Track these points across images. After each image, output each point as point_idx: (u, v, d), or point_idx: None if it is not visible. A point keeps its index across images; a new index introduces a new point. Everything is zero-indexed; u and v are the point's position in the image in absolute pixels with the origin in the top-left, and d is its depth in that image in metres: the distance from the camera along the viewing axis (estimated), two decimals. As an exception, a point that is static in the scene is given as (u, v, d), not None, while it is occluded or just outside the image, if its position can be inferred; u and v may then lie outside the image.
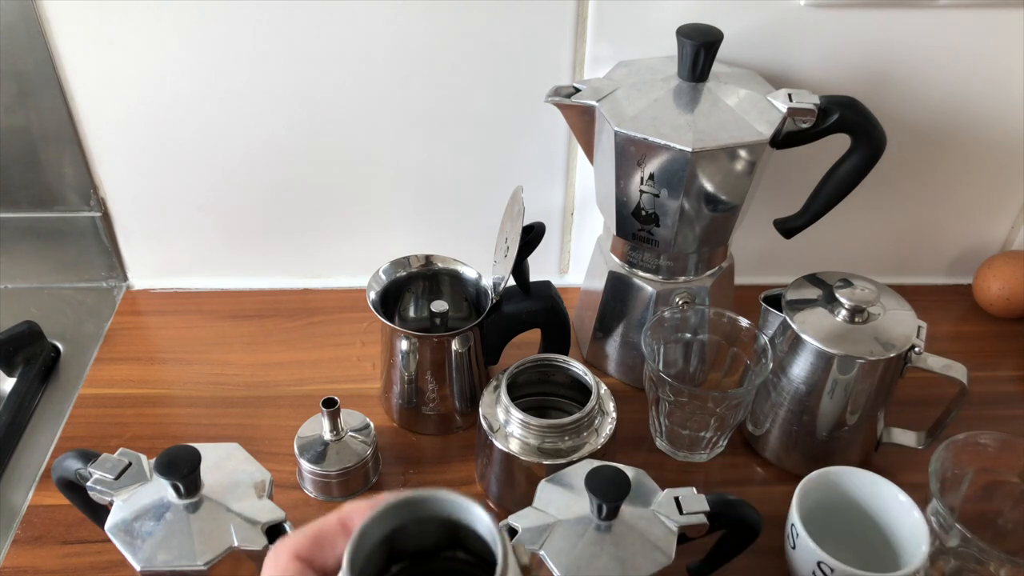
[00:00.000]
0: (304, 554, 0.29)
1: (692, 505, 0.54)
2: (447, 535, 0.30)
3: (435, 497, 0.29)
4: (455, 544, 0.31)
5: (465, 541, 0.30)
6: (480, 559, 0.31)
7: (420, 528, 0.29)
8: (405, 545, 0.30)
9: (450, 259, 0.74)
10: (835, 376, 0.64)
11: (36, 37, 0.71)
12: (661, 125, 0.64)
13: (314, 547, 0.29)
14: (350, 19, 0.72)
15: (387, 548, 0.30)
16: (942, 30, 0.73)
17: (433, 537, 0.30)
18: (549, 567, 0.51)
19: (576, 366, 0.67)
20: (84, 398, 0.77)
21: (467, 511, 0.29)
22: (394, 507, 0.28)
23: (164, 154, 0.79)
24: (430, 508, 0.29)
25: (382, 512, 0.28)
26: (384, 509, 0.28)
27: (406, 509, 0.29)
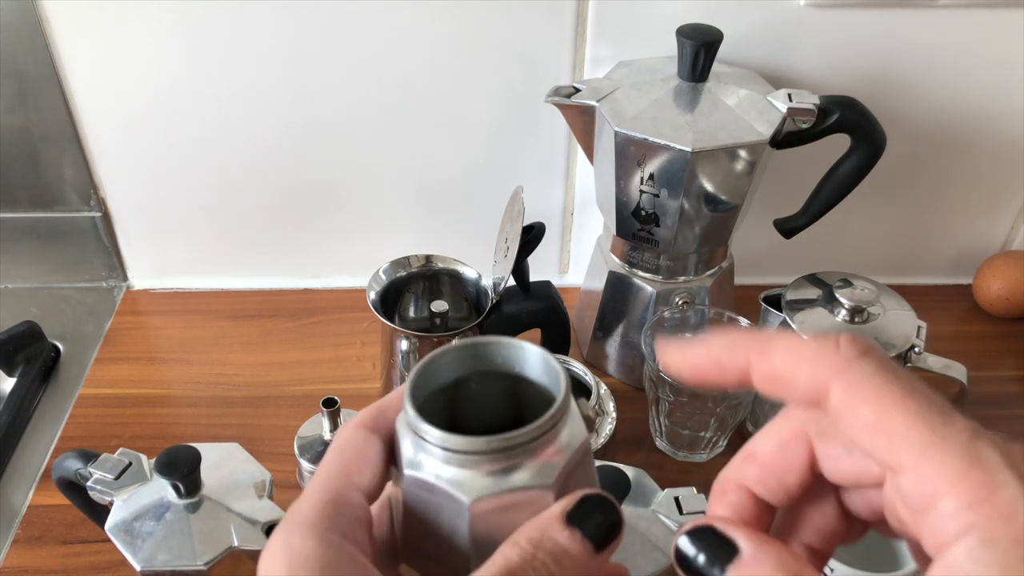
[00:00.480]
0: (369, 423, 0.29)
1: (692, 505, 0.54)
2: (511, 409, 0.31)
3: (496, 342, 0.29)
4: (517, 423, 0.31)
5: (528, 417, 0.30)
6: None
7: (482, 391, 0.30)
8: (465, 413, 0.30)
9: (450, 259, 0.74)
10: (835, 376, 0.64)
11: (36, 37, 0.71)
12: (661, 125, 0.64)
13: (379, 416, 0.29)
14: (350, 19, 0.72)
15: (447, 405, 0.30)
16: (942, 30, 0.73)
17: (495, 411, 0.31)
18: None
19: (576, 365, 0.67)
20: (84, 398, 0.77)
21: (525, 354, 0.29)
22: (454, 350, 0.29)
23: (164, 154, 0.79)
24: (491, 356, 0.30)
25: (441, 353, 0.29)
26: (444, 351, 0.29)
27: (467, 354, 0.29)
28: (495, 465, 0.26)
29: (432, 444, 0.26)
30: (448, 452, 0.26)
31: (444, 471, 0.26)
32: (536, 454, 0.26)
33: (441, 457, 0.26)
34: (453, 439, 0.26)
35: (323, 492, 0.27)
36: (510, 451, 0.26)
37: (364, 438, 0.29)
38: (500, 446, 0.26)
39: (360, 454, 0.28)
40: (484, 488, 0.26)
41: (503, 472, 0.26)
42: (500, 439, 0.26)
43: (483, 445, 0.26)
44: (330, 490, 0.27)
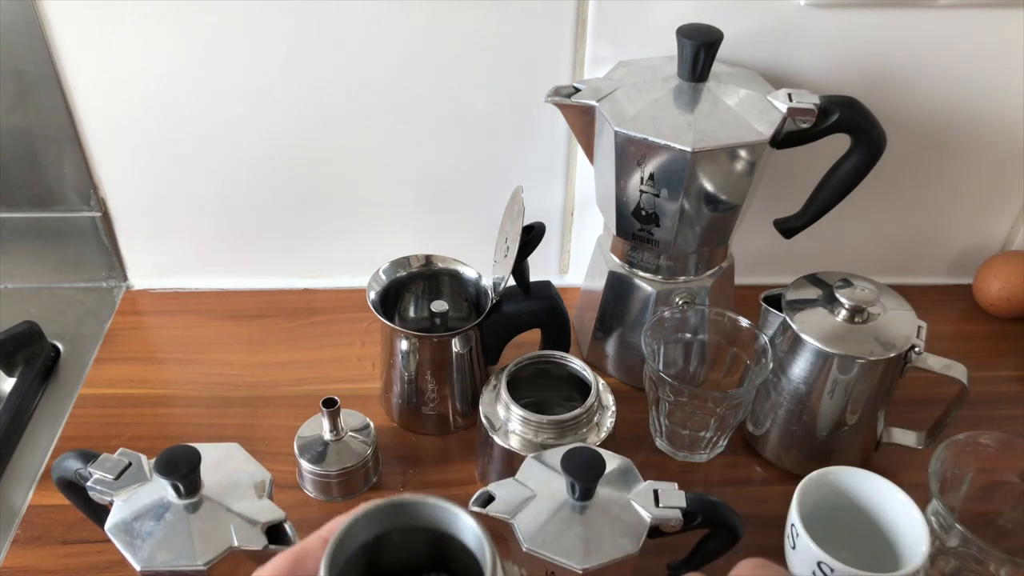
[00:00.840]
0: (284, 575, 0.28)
1: (669, 499, 0.54)
2: (432, 551, 0.29)
3: (421, 502, 0.27)
4: (440, 564, 0.30)
5: (451, 560, 0.29)
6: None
7: (403, 539, 0.28)
8: (387, 560, 0.29)
9: (450, 259, 0.74)
10: (835, 376, 0.64)
11: (36, 37, 0.71)
12: (661, 125, 0.64)
13: (294, 566, 0.28)
14: (350, 19, 0.72)
15: (367, 561, 0.28)
16: (942, 30, 0.73)
17: (417, 552, 0.29)
18: (516, 535, 0.52)
19: (575, 362, 0.67)
20: (84, 398, 0.77)
21: (454, 518, 0.27)
22: (376, 510, 0.27)
23: (164, 154, 0.79)
24: (415, 514, 0.27)
25: (364, 515, 0.27)
26: (366, 512, 0.27)
27: (389, 513, 0.27)
28: None
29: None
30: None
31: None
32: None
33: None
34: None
35: None
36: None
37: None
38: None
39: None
40: None
41: None
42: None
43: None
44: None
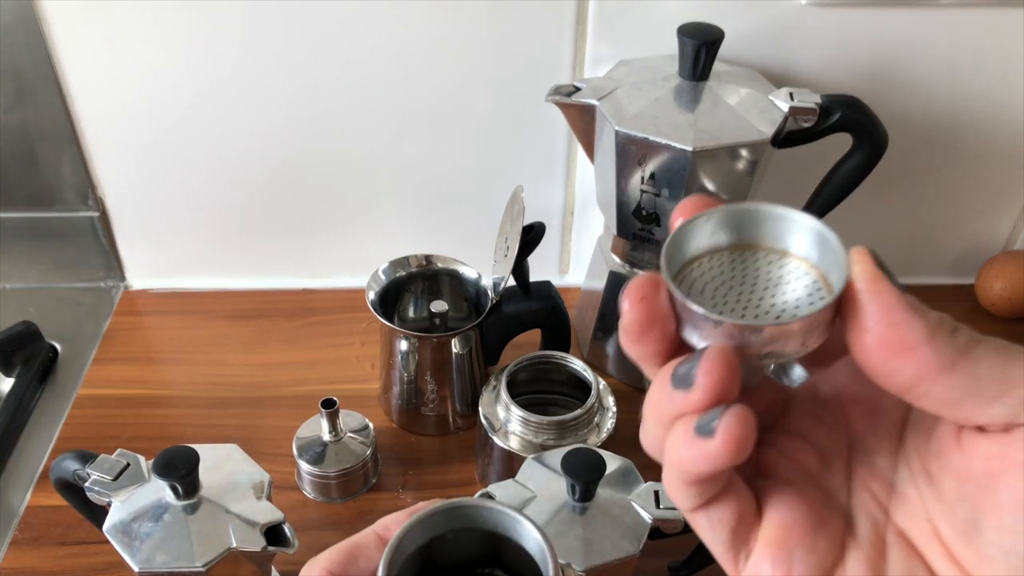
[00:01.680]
0: (337, 569, 0.28)
1: (670, 501, 0.54)
2: (487, 549, 0.29)
3: (479, 507, 0.27)
4: (494, 560, 0.29)
5: (505, 556, 0.29)
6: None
7: (460, 539, 0.28)
8: (442, 557, 0.29)
9: (450, 259, 0.74)
10: (836, 376, 0.64)
11: (35, 37, 0.71)
12: (662, 124, 0.64)
13: (348, 561, 0.28)
14: (350, 19, 0.72)
15: (422, 559, 0.28)
16: (944, 29, 0.73)
17: (472, 550, 0.29)
18: None
19: (575, 362, 0.67)
20: (82, 399, 0.76)
21: (515, 524, 0.27)
22: (435, 514, 0.27)
23: (163, 154, 0.79)
24: (473, 517, 0.27)
25: (422, 519, 0.27)
26: (425, 516, 0.27)
27: (448, 517, 0.27)
28: None
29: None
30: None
31: None
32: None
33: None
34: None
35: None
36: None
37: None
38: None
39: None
40: None
41: None
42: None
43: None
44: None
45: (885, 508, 0.26)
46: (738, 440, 0.23)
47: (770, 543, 0.26)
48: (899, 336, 0.23)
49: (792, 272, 0.26)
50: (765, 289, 0.25)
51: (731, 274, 0.26)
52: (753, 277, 0.26)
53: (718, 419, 0.23)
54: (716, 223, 0.26)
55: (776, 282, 0.26)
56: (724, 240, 0.26)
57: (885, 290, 0.23)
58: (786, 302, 0.25)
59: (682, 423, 0.24)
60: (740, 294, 0.26)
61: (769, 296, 0.25)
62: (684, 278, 0.26)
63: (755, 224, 0.26)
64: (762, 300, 0.25)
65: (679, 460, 0.25)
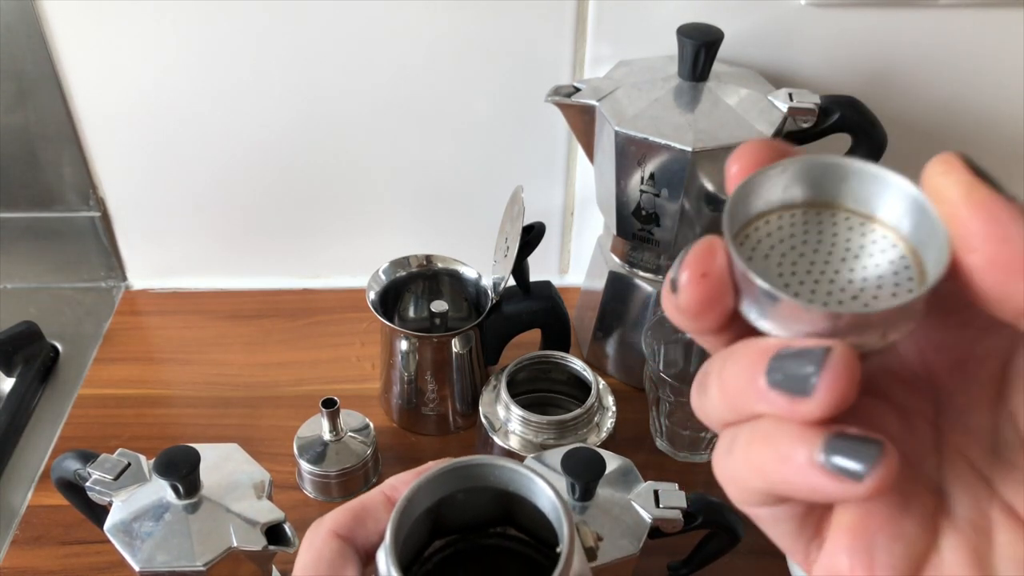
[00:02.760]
0: (344, 531, 0.27)
1: (670, 500, 0.54)
2: (499, 509, 0.28)
3: (492, 464, 0.26)
4: (506, 519, 0.28)
5: (518, 516, 0.28)
6: (533, 537, 0.28)
7: (470, 499, 0.27)
8: (451, 518, 0.28)
9: (450, 259, 0.74)
10: (836, 376, 0.64)
11: (36, 37, 0.71)
12: (661, 125, 0.64)
13: (355, 523, 0.27)
14: (350, 20, 0.72)
15: (432, 521, 0.27)
16: (943, 30, 0.73)
17: (483, 511, 0.28)
18: None
19: (575, 362, 0.67)
20: (83, 398, 0.76)
21: (528, 483, 0.26)
22: (445, 473, 0.26)
23: (163, 154, 0.79)
24: (483, 476, 0.26)
25: (432, 478, 0.26)
26: (434, 475, 0.26)
27: (458, 476, 0.26)
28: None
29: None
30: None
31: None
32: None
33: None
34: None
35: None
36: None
37: (339, 552, 0.26)
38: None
39: (335, 574, 0.26)
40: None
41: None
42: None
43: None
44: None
45: (987, 479, 0.22)
46: (887, 478, 0.19)
47: (846, 530, 0.21)
48: (1014, 252, 0.19)
49: (877, 243, 0.22)
50: (842, 260, 0.22)
51: (803, 237, 0.22)
52: (829, 243, 0.22)
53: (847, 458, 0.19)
54: (792, 176, 0.22)
55: (856, 252, 0.22)
56: (799, 196, 0.23)
57: (988, 199, 0.20)
58: (865, 279, 0.21)
59: (781, 435, 0.20)
60: (812, 263, 0.22)
61: (846, 269, 0.22)
62: (747, 237, 0.22)
63: (838, 181, 0.22)
64: (837, 273, 0.22)
65: (764, 471, 0.21)
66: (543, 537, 0.27)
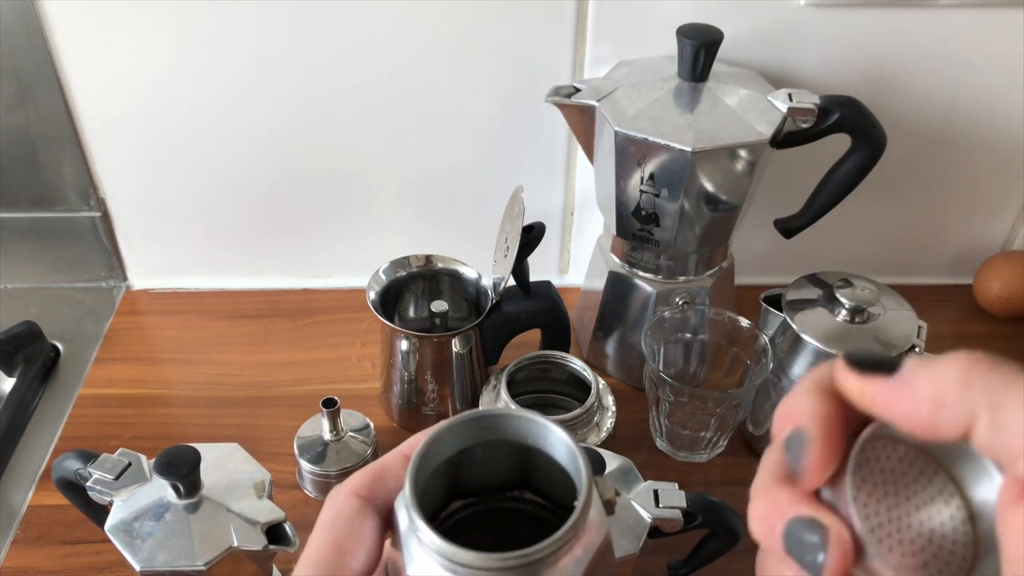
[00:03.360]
0: (363, 491, 0.27)
1: (670, 500, 0.54)
2: (517, 469, 0.28)
3: (508, 415, 0.26)
4: (524, 483, 0.28)
5: (535, 477, 0.28)
6: (551, 502, 0.29)
7: (488, 455, 0.27)
8: (469, 477, 0.28)
9: (450, 259, 0.74)
10: (835, 376, 0.64)
11: (36, 37, 0.71)
12: (661, 125, 0.64)
13: (374, 483, 0.27)
14: (349, 19, 0.72)
15: (450, 478, 0.27)
16: (943, 30, 0.73)
17: (501, 470, 0.28)
18: None
19: (575, 362, 0.67)
20: (84, 398, 0.76)
21: (544, 432, 0.26)
22: (463, 423, 0.26)
23: (164, 154, 0.79)
24: (501, 428, 0.26)
25: (450, 427, 0.26)
26: (452, 424, 0.26)
27: (475, 427, 0.26)
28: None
29: (442, 557, 0.24)
30: (459, 566, 0.23)
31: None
32: (554, 564, 0.24)
33: (450, 569, 0.24)
34: (463, 555, 0.23)
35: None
36: (528, 567, 0.23)
37: (358, 510, 0.26)
38: (516, 563, 0.23)
39: (354, 532, 0.26)
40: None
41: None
42: (517, 556, 0.23)
43: (497, 562, 0.23)
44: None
45: None
46: None
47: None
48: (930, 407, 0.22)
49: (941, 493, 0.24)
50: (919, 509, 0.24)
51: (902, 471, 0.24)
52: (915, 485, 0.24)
53: None
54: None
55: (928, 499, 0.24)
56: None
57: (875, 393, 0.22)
58: (932, 530, 0.23)
59: None
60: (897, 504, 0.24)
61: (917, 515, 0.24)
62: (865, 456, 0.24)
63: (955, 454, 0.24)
64: (910, 517, 0.24)
65: None
66: (560, 500, 0.27)
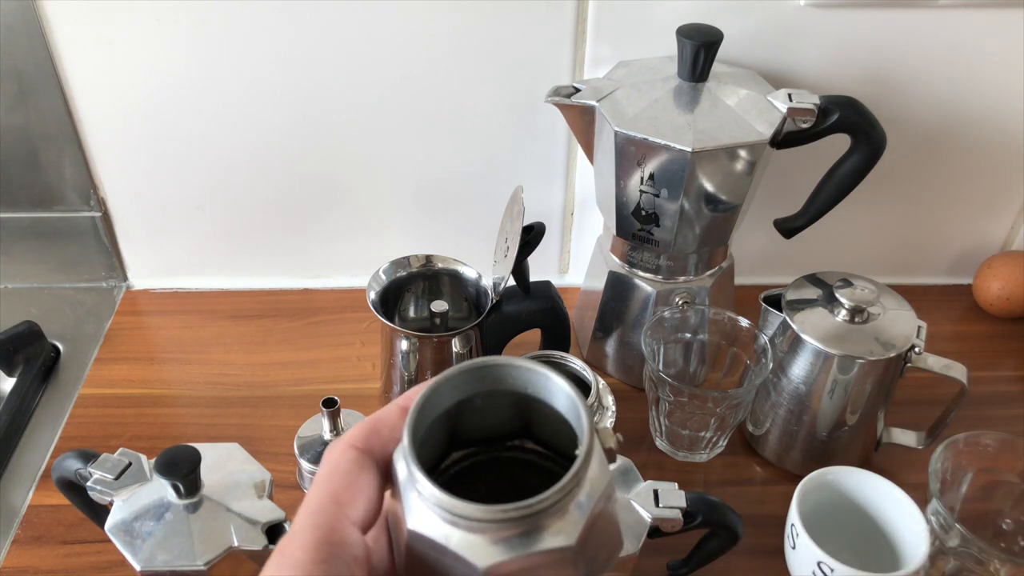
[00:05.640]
0: (359, 443, 0.27)
1: (669, 499, 0.54)
2: (516, 419, 0.27)
3: (507, 364, 0.26)
4: (524, 432, 0.28)
5: (535, 427, 0.27)
6: (551, 449, 0.28)
7: (487, 405, 0.27)
8: (469, 427, 0.27)
9: (450, 259, 0.74)
10: (835, 376, 0.64)
11: (36, 37, 0.71)
12: (661, 125, 0.64)
13: (370, 434, 0.27)
14: (350, 19, 0.72)
15: (449, 429, 0.27)
16: (942, 30, 0.73)
17: (500, 419, 0.28)
18: None
19: (574, 361, 0.67)
20: (84, 398, 0.77)
21: (544, 382, 0.26)
22: (463, 373, 0.26)
23: (164, 154, 0.79)
24: (501, 378, 0.26)
25: (449, 377, 0.26)
26: (452, 374, 0.26)
27: (474, 377, 0.26)
28: (512, 531, 0.23)
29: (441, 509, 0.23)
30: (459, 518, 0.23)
31: (453, 533, 0.23)
32: (556, 514, 0.23)
33: (450, 520, 0.23)
34: (462, 506, 0.23)
35: (315, 529, 0.24)
36: (529, 518, 0.23)
37: (356, 461, 0.26)
38: (519, 514, 0.23)
39: (352, 482, 0.26)
40: (500, 553, 0.23)
41: (521, 536, 0.23)
42: (518, 508, 0.23)
43: (499, 514, 0.23)
44: (322, 526, 0.25)
45: None
46: None
47: None
48: None
49: None
50: None
51: None
52: None
53: None
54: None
55: None
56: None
57: None
58: None
59: None
60: None
61: None
62: None
63: None
64: None
65: None
66: (561, 449, 0.27)
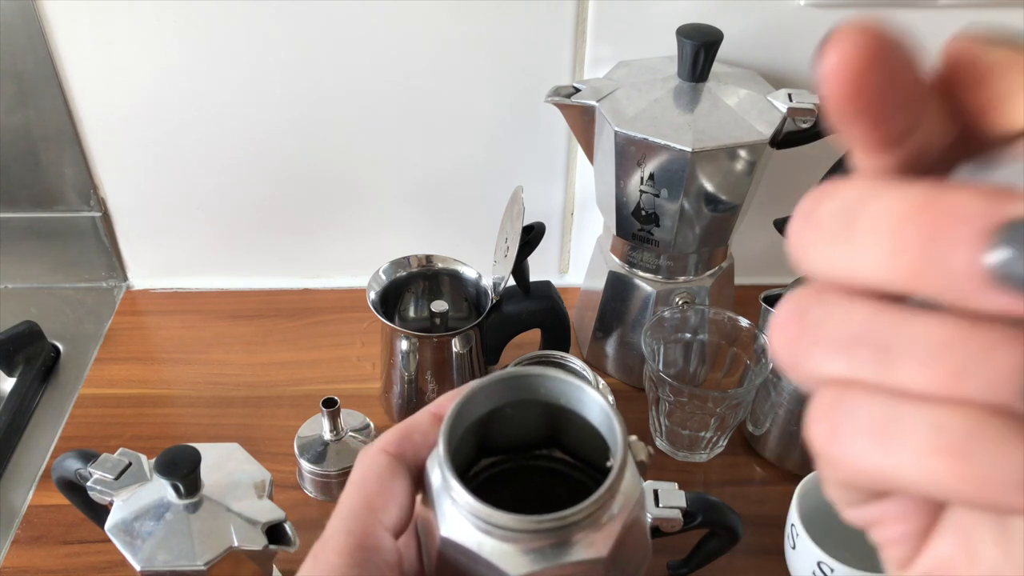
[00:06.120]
0: (392, 448, 0.27)
1: (669, 499, 0.54)
2: (545, 427, 0.28)
3: (543, 375, 0.26)
4: (552, 441, 0.28)
5: (564, 437, 0.27)
6: (579, 459, 0.28)
7: (518, 414, 0.27)
8: (499, 435, 0.28)
9: (450, 259, 0.74)
10: (835, 376, 0.64)
11: (36, 37, 0.71)
12: (661, 125, 0.64)
13: (403, 440, 0.27)
14: (350, 19, 0.72)
15: (479, 437, 0.27)
16: (942, 30, 0.73)
17: (530, 428, 0.28)
18: None
19: (575, 362, 0.67)
20: (84, 398, 0.77)
21: (578, 394, 0.26)
22: (496, 383, 0.26)
23: (164, 154, 0.79)
24: (533, 388, 0.26)
25: (483, 386, 0.26)
26: (485, 383, 0.26)
27: (508, 387, 0.26)
28: (545, 541, 0.23)
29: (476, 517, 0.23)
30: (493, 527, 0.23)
31: (486, 541, 0.24)
32: (589, 526, 0.24)
33: (484, 529, 0.23)
34: (498, 516, 0.23)
35: (349, 534, 0.25)
36: (563, 529, 0.23)
37: (388, 467, 0.26)
38: (553, 525, 0.23)
39: (384, 487, 0.26)
40: (532, 562, 0.23)
41: (554, 547, 0.23)
42: (553, 519, 0.23)
43: (534, 524, 0.23)
44: (356, 531, 0.25)
45: None
46: None
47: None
48: None
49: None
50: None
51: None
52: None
53: None
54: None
55: None
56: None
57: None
58: None
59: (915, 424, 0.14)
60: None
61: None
62: None
63: None
64: None
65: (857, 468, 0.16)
66: (589, 459, 0.27)
